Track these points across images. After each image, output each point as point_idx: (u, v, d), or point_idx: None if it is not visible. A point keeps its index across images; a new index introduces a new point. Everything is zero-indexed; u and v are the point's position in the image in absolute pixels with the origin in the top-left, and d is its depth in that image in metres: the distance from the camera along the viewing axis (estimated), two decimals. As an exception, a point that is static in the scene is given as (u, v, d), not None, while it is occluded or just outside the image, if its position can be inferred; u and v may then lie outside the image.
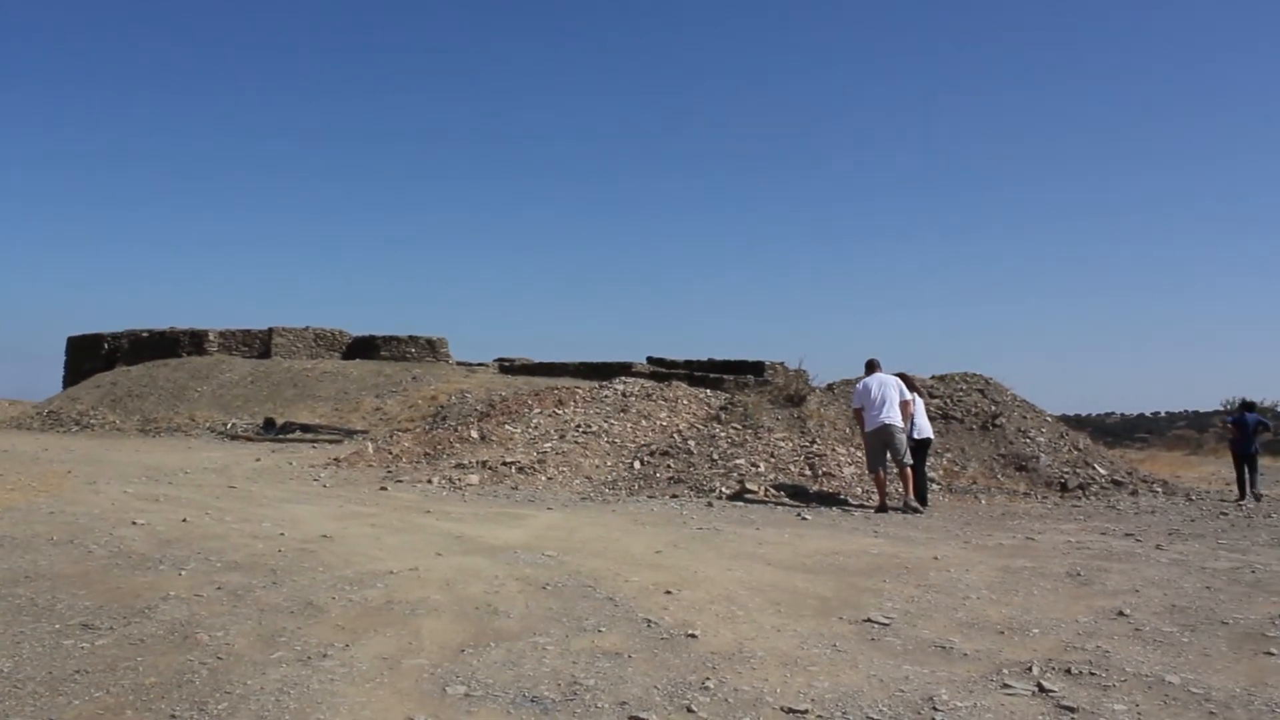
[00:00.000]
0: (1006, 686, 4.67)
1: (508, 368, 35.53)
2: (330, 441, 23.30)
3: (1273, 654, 5.37)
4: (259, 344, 37.08)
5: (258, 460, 18.34)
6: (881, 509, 12.00)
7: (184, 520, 9.54)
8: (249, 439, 24.42)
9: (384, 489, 13.49)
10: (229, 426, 26.53)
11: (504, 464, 14.92)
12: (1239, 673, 5.01)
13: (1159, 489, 15.03)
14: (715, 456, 14.38)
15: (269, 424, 25.39)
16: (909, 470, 12.28)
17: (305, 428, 24.88)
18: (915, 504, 12.03)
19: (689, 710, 4.24)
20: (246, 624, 5.51)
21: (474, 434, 17.12)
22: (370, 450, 17.80)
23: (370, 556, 7.74)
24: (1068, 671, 4.93)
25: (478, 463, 15.16)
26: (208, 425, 26.93)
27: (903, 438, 12.29)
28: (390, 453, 17.21)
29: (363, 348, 37.12)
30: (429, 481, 14.17)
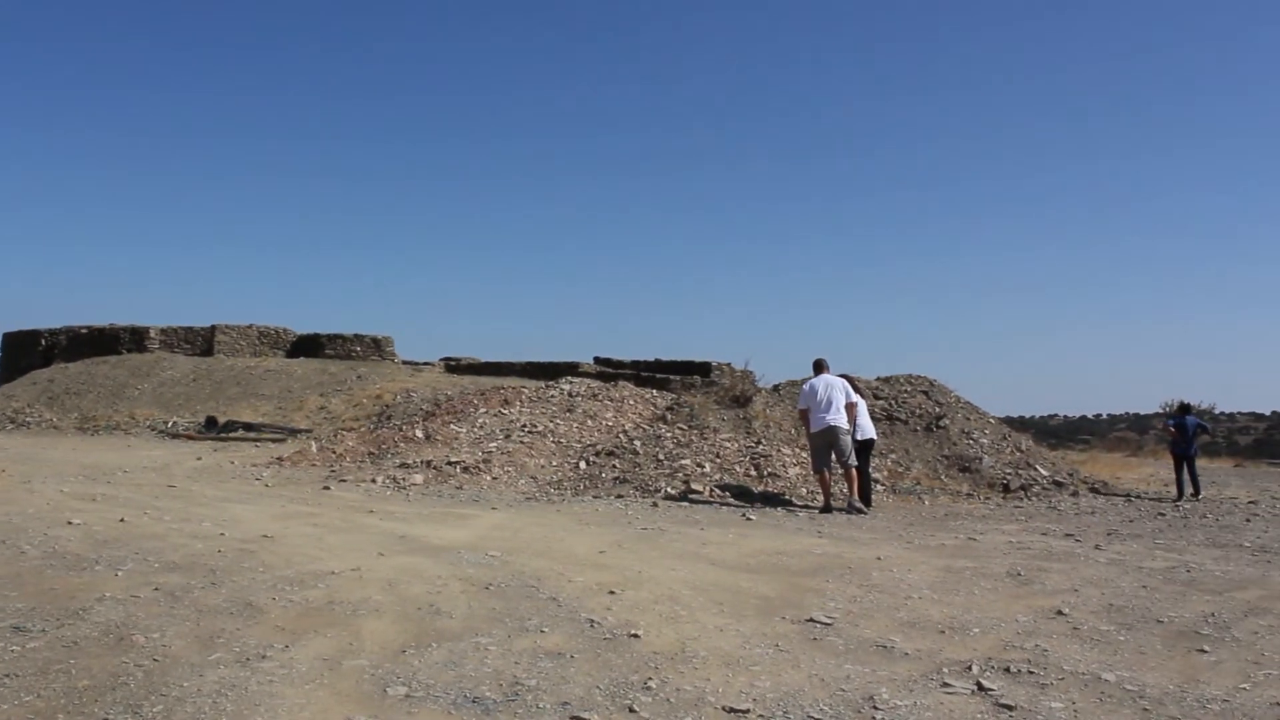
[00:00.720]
0: (946, 685, 4.71)
1: (454, 367, 35.29)
2: (273, 440, 23.01)
3: (1205, 651, 5.48)
4: (201, 341, 36.56)
5: (199, 459, 18.09)
6: (826, 509, 12.05)
7: (121, 520, 9.39)
8: (190, 438, 24.06)
9: (327, 488, 13.37)
10: (170, 425, 26.13)
11: (449, 464, 14.83)
12: (1172, 670, 5.10)
13: (1099, 490, 15.26)
14: (661, 457, 14.38)
15: (211, 422, 25.01)
16: (853, 471, 12.35)
17: (248, 426, 24.54)
18: (859, 504, 12.11)
19: (631, 710, 4.24)
20: (184, 625, 5.44)
21: (419, 433, 17.00)
22: (314, 449, 17.62)
23: (312, 557, 7.66)
24: (1007, 670, 4.99)
25: (422, 462, 15.06)
26: (148, 423, 26.49)
27: (848, 439, 12.35)
28: (334, 452, 17.05)
29: (307, 346, 36.71)
30: (373, 481, 14.06)
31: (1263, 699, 4.62)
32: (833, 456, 12.38)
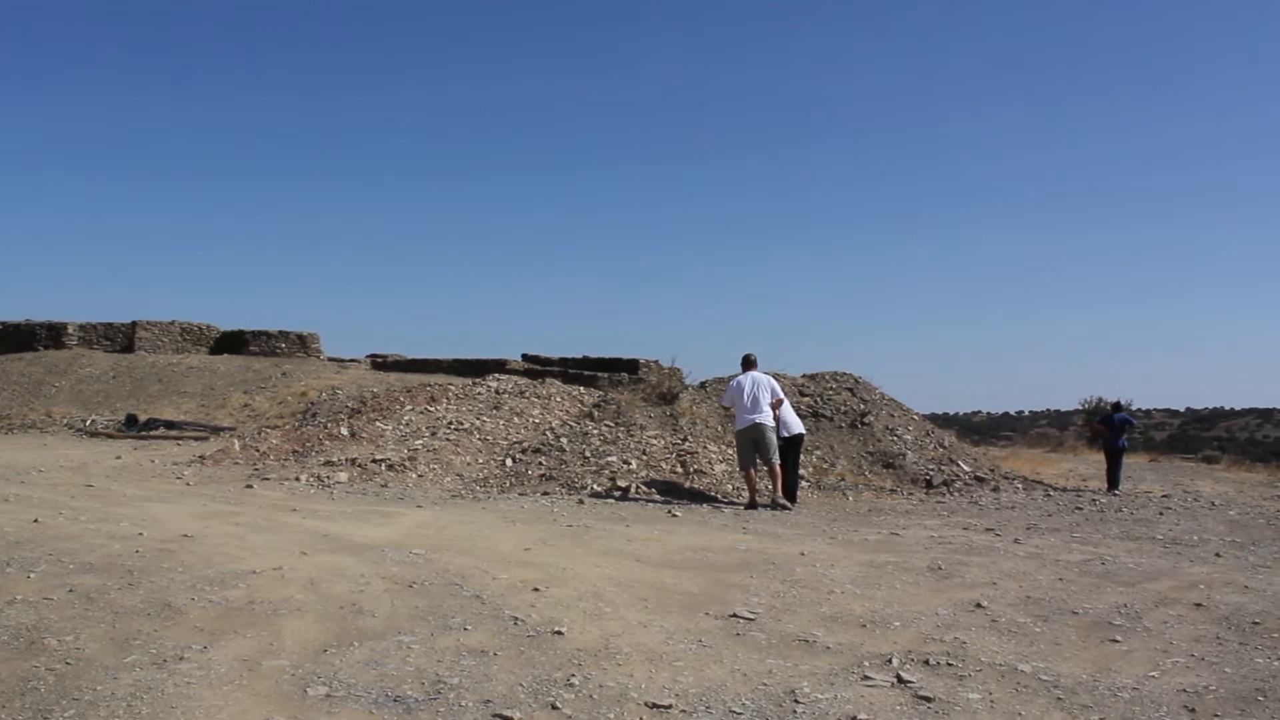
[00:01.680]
0: (867, 678, 4.78)
1: (380, 364, 35.01)
2: (196, 439, 22.65)
3: (1117, 641, 5.62)
4: (122, 338, 35.87)
5: (118, 458, 17.76)
6: (751, 506, 12.13)
7: (35, 520, 9.18)
8: (110, 436, 23.60)
9: (250, 487, 13.20)
10: (88, 423, 25.61)
11: (374, 461, 14.71)
12: (1086, 660, 5.22)
13: (1019, 485, 15.52)
14: (587, 454, 14.39)
15: (131, 420, 24.56)
16: (777, 468, 12.44)
17: (170, 424, 24.13)
18: (784, 501, 12.20)
19: (553, 707, 4.24)
20: (99, 627, 5.34)
21: (344, 431, 16.84)
22: (237, 447, 17.37)
23: (232, 556, 7.55)
24: (926, 662, 5.07)
25: (347, 460, 14.92)
26: (65, 422, 25.94)
27: (773, 436, 12.42)
28: (258, 450, 16.82)
29: (231, 343, 36.20)
30: (297, 479, 13.90)
31: (1170, 686, 4.76)
32: (758, 454, 12.46)
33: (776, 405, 12.67)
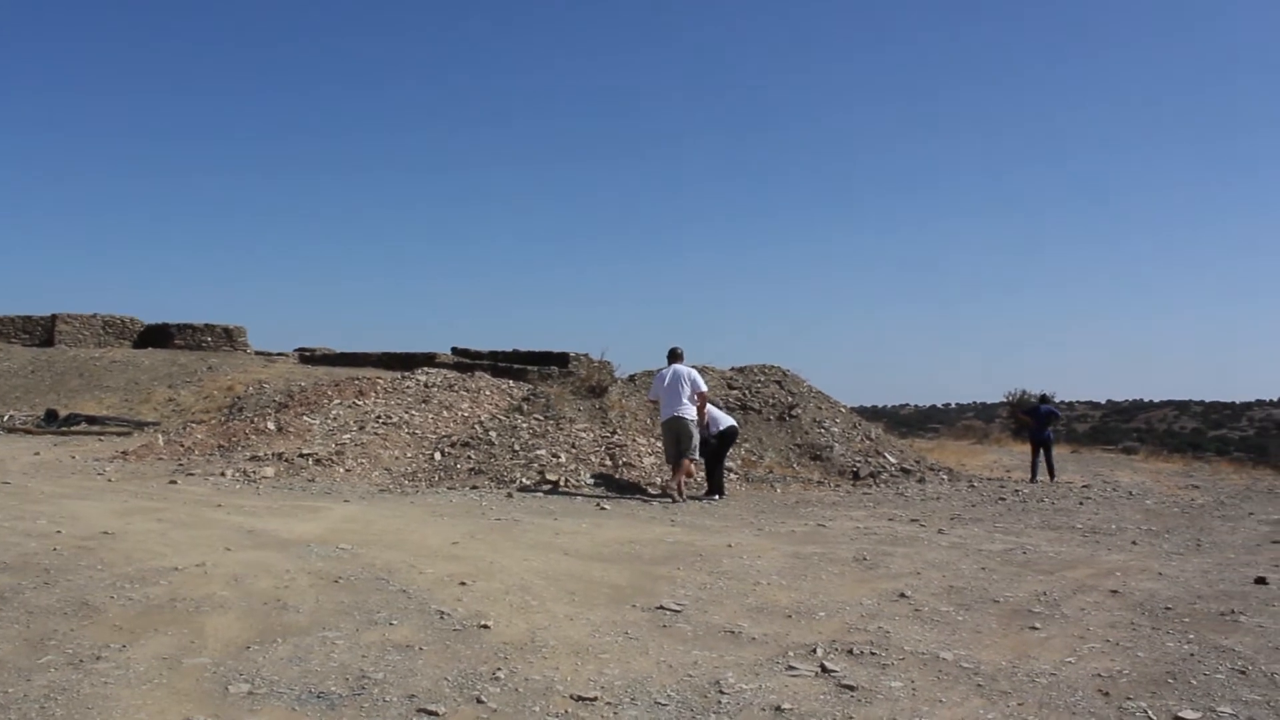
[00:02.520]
0: (791, 668, 4.83)
1: (308, 358, 34.61)
2: (118, 434, 22.24)
3: (1036, 628, 5.75)
4: (41, 331, 35.12)
5: (37, 454, 17.38)
6: (679, 498, 12.17)
7: (-52, 519, 8.98)
8: (28, 432, 23.08)
9: (174, 483, 13.00)
10: (5, 419, 25.04)
11: (301, 456, 14.55)
12: (1006, 647, 5.33)
13: (945, 476, 15.76)
14: (516, 447, 14.36)
15: (51, 416, 24.03)
16: (690, 463, 12.50)
17: (91, 419, 23.65)
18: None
19: (479, 701, 4.24)
20: (13, 628, 5.23)
21: (270, 425, 16.64)
22: (161, 442, 17.10)
23: (154, 553, 7.44)
24: (849, 652, 5.14)
25: (273, 455, 14.74)
26: (-19, 418, 25.39)
27: (694, 429, 12.44)
28: (182, 445, 16.57)
29: (156, 336, 35.57)
30: (222, 474, 13.71)
31: (1086, 671, 4.88)
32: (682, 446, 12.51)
33: (701, 401, 12.68)
